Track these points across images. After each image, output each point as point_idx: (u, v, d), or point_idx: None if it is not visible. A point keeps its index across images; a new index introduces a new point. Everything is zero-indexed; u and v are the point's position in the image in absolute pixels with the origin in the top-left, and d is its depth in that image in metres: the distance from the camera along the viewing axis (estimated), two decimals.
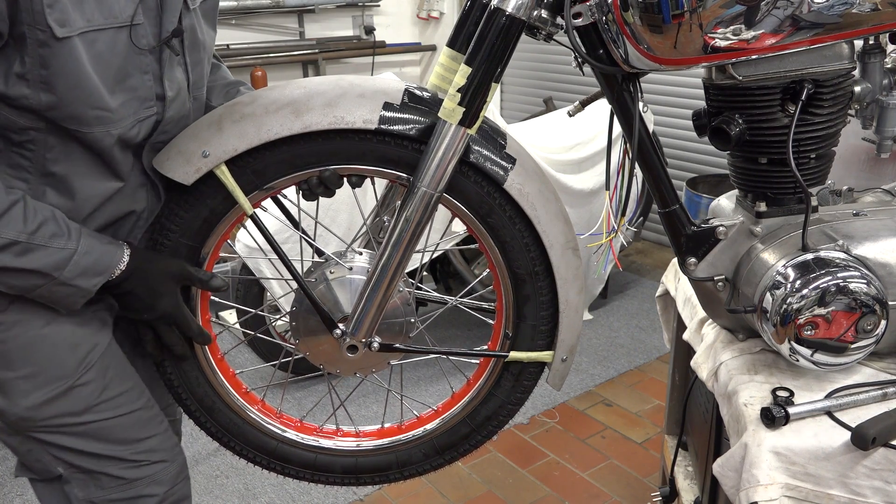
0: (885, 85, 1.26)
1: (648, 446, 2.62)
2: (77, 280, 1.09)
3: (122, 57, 1.04)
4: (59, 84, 0.99)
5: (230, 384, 1.34)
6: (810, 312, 1.17)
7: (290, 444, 1.38)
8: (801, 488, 1.13)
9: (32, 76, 0.98)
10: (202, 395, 1.32)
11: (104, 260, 1.12)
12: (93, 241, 1.11)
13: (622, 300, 3.67)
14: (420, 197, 1.14)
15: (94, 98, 1.03)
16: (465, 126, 1.11)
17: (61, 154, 1.07)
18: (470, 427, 1.39)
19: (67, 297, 1.10)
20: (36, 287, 1.08)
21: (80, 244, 1.09)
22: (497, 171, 1.17)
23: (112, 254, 1.13)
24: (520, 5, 1.08)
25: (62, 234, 1.08)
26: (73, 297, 1.11)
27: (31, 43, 0.96)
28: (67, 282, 1.08)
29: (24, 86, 0.99)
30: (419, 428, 1.40)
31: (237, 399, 1.35)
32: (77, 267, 1.08)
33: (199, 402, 1.33)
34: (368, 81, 1.16)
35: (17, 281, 1.06)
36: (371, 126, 1.11)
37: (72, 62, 0.99)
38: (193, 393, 1.31)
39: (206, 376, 1.30)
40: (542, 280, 1.26)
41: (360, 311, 1.22)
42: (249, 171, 1.15)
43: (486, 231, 1.22)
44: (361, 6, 4.81)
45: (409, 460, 1.41)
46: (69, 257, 1.08)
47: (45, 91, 0.99)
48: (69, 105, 1.01)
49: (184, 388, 1.31)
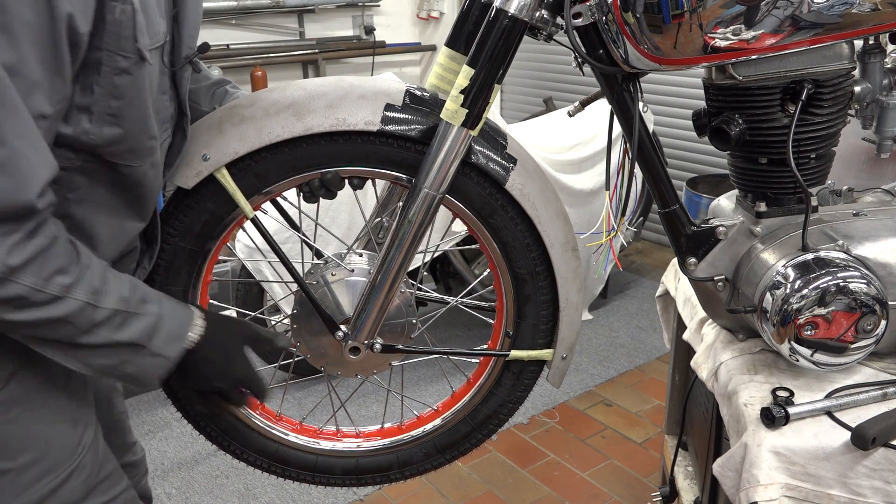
0: (885, 85, 1.26)
1: (648, 446, 2.62)
2: (166, 349, 0.99)
3: (158, 78, 0.97)
4: (128, 115, 0.91)
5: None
6: (810, 312, 1.17)
7: (291, 446, 1.38)
8: (801, 488, 1.13)
9: (99, 108, 0.88)
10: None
11: (182, 323, 1.03)
12: (170, 303, 1.03)
13: (622, 300, 3.67)
14: (422, 198, 1.13)
15: (149, 126, 0.95)
16: (467, 127, 1.11)
17: (86, 194, 0.96)
18: (470, 426, 1.39)
19: (152, 370, 0.99)
20: (123, 363, 0.97)
21: (163, 307, 1.00)
22: (498, 172, 1.17)
23: (186, 316, 1.04)
24: (522, 6, 1.08)
25: (148, 299, 0.99)
26: (158, 371, 1.00)
27: (107, 71, 0.87)
28: (158, 352, 0.98)
29: (87, 119, 0.89)
30: (420, 427, 1.40)
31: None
32: (163, 333, 0.99)
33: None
34: (369, 82, 1.16)
35: (106, 359, 0.96)
36: (373, 128, 1.11)
37: (143, 90, 0.91)
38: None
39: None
40: (543, 280, 1.26)
41: (362, 313, 1.22)
42: (250, 173, 1.14)
43: (488, 232, 1.22)
44: (361, 6, 4.81)
45: (410, 460, 1.41)
46: (155, 323, 0.98)
47: (111, 124, 0.90)
48: (133, 137, 0.93)
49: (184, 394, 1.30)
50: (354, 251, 1.30)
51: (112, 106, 0.89)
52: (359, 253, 1.30)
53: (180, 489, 2.43)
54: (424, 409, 1.43)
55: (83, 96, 0.87)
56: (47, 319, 0.89)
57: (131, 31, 0.86)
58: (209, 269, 1.22)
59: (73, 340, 0.93)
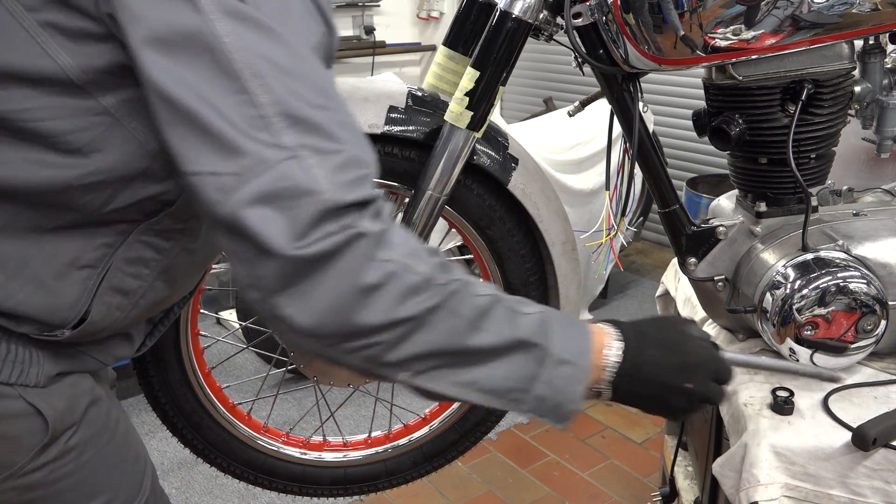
0: (885, 85, 1.26)
1: (648, 446, 2.62)
2: (566, 352, 0.78)
3: None
4: None
5: (217, 399, 1.32)
6: (810, 312, 1.17)
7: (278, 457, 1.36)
8: (801, 488, 1.13)
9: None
10: (190, 412, 1.29)
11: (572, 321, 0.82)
12: (550, 308, 0.83)
13: (622, 300, 3.66)
14: (426, 200, 1.13)
15: None
16: (472, 130, 1.11)
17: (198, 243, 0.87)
18: (458, 433, 1.39)
19: (568, 385, 0.79)
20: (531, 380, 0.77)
21: (544, 308, 0.81)
22: (501, 173, 1.17)
23: (581, 324, 0.83)
24: (526, 8, 1.07)
25: (521, 299, 0.81)
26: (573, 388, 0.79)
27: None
28: (560, 355, 0.77)
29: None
30: (407, 436, 1.40)
31: (224, 414, 1.33)
32: (558, 330, 0.79)
33: (186, 419, 1.29)
34: (371, 85, 1.16)
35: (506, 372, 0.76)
36: (377, 130, 1.11)
37: None
38: (181, 410, 1.28)
39: (193, 392, 1.28)
40: (536, 290, 1.26)
41: None
42: None
43: (485, 243, 1.22)
44: (361, 6, 4.81)
45: (399, 468, 1.40)
46: (545, 320, 0.79)
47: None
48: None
49: (171, 406, 1.27)
50: None
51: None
52: None
53: (180, 489, 2.43)
54: (412, 418, 1.42)
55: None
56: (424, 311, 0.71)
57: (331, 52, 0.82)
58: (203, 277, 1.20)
59: (462, 343, 0.73)
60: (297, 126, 0.68)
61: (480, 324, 0.74)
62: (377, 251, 0.69)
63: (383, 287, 0.69)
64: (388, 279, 0.69)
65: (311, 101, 0.69)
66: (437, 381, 0.75)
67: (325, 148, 0.69)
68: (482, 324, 0.74)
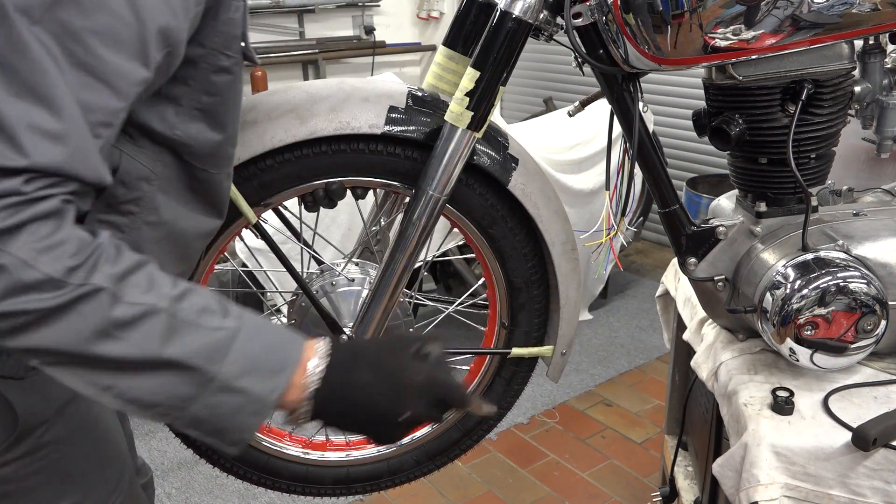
0: (885, 85, 1.26)
1: (648, 446, 2.62)
2: (244, 381, 0.73)
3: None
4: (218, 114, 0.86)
5: None
6: (810, 312, 1.17)
7: (281, 457, 1.36)
8: (801, 488, 1.13)
9: (188, 101, 0.83)
10: None
11: (280, 348, 0.77)
12: (259, 321, 0.77)
13: (622, 300, 3.67)
14: (426, 201, 1.13)
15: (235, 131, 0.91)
16: (472, 130, 1.11)
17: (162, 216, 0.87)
18: (461, 432, 1.39)
19: (233, 415, 0.74)
20: (185, 401, 0.72)
21: (242, 322, 0.75)
22: (501, 173, 1.16)
23: (290, 340, 0.78)
24: (527, 8, 1.07)
25: (214, 310, 0.74)
26: (243, 417, 0.74)
27: (206, 68, 0.82)
28: (231, 384, 0.72)
29: (173, 112, 0.82)
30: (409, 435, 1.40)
31: None
32: (242, 358, 0.73)
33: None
34: (371, 85, 1.15)
35: (155, 388, 0.71)
36: (377, 131, 1.10)
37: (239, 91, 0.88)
38: None
39: None
40: (538, 288, 1.27)
41: (366, 316, 1.22)
42: (255, 183, 1.12)
43: (487, 242, 1.22)
44: (361, 6, 4.81)
45: (401, 468, 1.40)
46: (228, 341, 0.73)
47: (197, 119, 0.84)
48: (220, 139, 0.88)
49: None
50: (353, 261, 1.30)
51: (203, 102, 0.84)
52: (355, 262, 1.30)
53: (180, 489, 2.43)
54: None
55: (174, 87, 0.81)
56: (38, 312, 0.67)
57: (241, 30, 0.83)
58: (205, 280, 1.21)
59: (88, 348, 0.69)
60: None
61: (117, 333, 0.69)
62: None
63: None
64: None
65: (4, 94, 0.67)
66: (71, 377, 0.71)
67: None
68: (119, 333, 0.69)
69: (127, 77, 0.72)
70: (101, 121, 0.72)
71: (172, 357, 0.71)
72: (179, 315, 0.72)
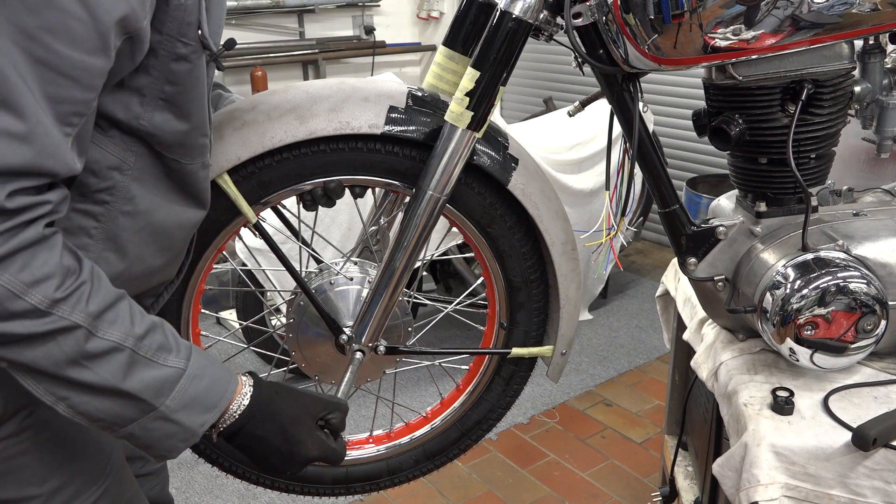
0: (885, 85, 1.26)
1: (648, 446, 2.62)
2: (180, 414, 0.84)
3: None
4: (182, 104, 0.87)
5: None
6: (810, 312, 1.17)
7: None
8: (801, 488, 1.13)
9: (152, 91, 0.84)
10: None
11: (216, 388, 0.88)
12: (204, 362, 0.88)
13: (622, 300, 3.67)
14: (427, 201, 1.13)
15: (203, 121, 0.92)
16: (472, 130, 1.11)
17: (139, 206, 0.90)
18: (460, 431, 1.39)
19: (164, 439, 0.85)
20: (126, 422, 0.82)
21: (190, 363, 0.86)
22: (501, 173, 1.16)
23: (225, 381, 0.90)
24: (527, 8, 1.07)
25: (170, 348, 0.85)
26: (172, 442, 0.86)
27: (165, 56, 0.83)
28: (169, 415, 0.83)
29: (138, 102, 0.84)
30: (409, 435, 1.40)
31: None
32: (184, 395, 0.84)
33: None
34: (371, 85, 1.15)
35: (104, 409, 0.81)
36: (377, 131, 1.10)
37: (200, 79, 0.88)
38: None
39: None
40: (537, 288, 1.27)
41: (366, 316, 1.22)
42: (254, 181, 1.12)
43: (486, 241, 1.22)
44: (361, 6, 4.81)
45: (400, 467, 1.40)
46: (175, 379, 0.84)
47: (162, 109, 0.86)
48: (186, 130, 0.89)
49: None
50: (352, 260, 1.30)
51: (166, 91, 0.85)
52: (354, 261, 1.30)
53: (180, 489, 2.43)
54: (413, 416, 1.42)
55: (137, 78, 0.83)
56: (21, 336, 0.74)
57: (195, 18, 0.83)
58: (203, 279, 1.20)
59: (58, 371, 0.77)
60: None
61: (86, 363, 0.78)
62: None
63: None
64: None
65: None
66: (34, 384, 0.79)
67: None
68: (88, 363, 0.78)
69: (89, 70, 0.75)
70: (72, 111, 0.75)
71: (128, 389, 0.80)
72: (140, 352, 0.81)
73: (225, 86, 1.28)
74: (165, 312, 1.16)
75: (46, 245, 0.76)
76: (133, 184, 0.88)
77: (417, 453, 1.40)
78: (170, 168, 0.91)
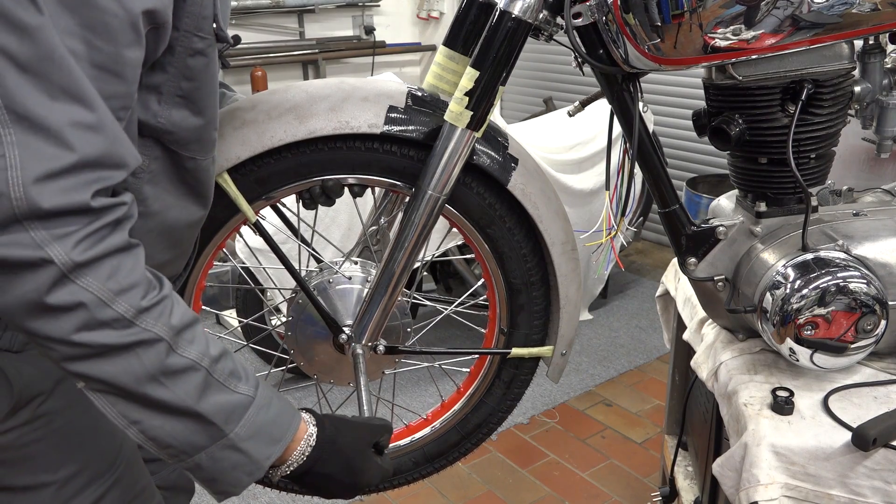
0: (885, 85, 1.26)
1: (648, 446, 2.62)
2: (248, 444, 0.83)
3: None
4: (199, 99, 0.88)
5: None
6: (810, 312, 1.17)
7: None
8: (801, 488, 1.13)
9: (169, 88, 0.84)
10: None
11: (282, 421, 0.88)
12: (270, 394, 0.88)
13: (622, 300, 3.67)
14: (426, 200, 1.13)
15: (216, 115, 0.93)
16: (471, 129, 1.11)
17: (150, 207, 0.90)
18: (460, 435, 1.39)
19: (230, 470, 0.84)
20: (195, 449, 0.81)
21: (258, 393, 0.85)
22: (501, 172, 1.16)
23: (290, 415, 0.89)
24: (526, 8, 1.07)
25: (240, 376, 0.84)
26: (237, 474, 0.84)
27: (181, 51, 0.83)
28: (237, 444, 0.82)
29: (156, 100, 0.84)
30: (409, 437, 1.40)
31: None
32: (252, 424, 0.83)
33: None
34: (371, 84, 1.15)
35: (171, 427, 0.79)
36: (376, 130, 1.10)
37: (215, 74, 0.89)
38: None
39: None
40: (538, 290, 1.26)
41: (366, 315, 1.22)
42: (252, 179, 1.13)
43: (486, 242, 1.21)
44: (361, 6, 4.81)
45: (400, 469, 1.40)
46: (245, 407, 0.83)
47: (179, 106, 0.86)
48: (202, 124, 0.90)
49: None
50: (351, 259, 1.30)
51: (183, 87, 0.86)
52: (354, 261, 1.30)
53: None
54: (413, 418, 1.42)
55: (154, 75, 0.84)
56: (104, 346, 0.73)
57: (211, 11, 0.84)
58: (203, 275, 1.21)
59: (136, 388, 0.76)
60: (19, 123, 0.68)
61: (164, 380, 0.77)
62: (76, 276, 0.71)
63: (69, 311, 0.71)
64: (76, 307, 0.71)
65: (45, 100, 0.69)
66: (108, 405, 0.78)
67: (40, 149, 0.69)
68: (166, 381, 0.77)
69: (130, 63, 0.76)
70: (119, 105, 0.77)
71: (201, 411, 0.80)
72: (215, 375, 0.81)
73: (228, 85, 1.28)
74: None
75: (132, 254, 0.76)
76: (146, 186, 0.89)
77: (417, 455, 1.40)
78: (185, 168, 0.92)
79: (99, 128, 0.72)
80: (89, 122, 0.71)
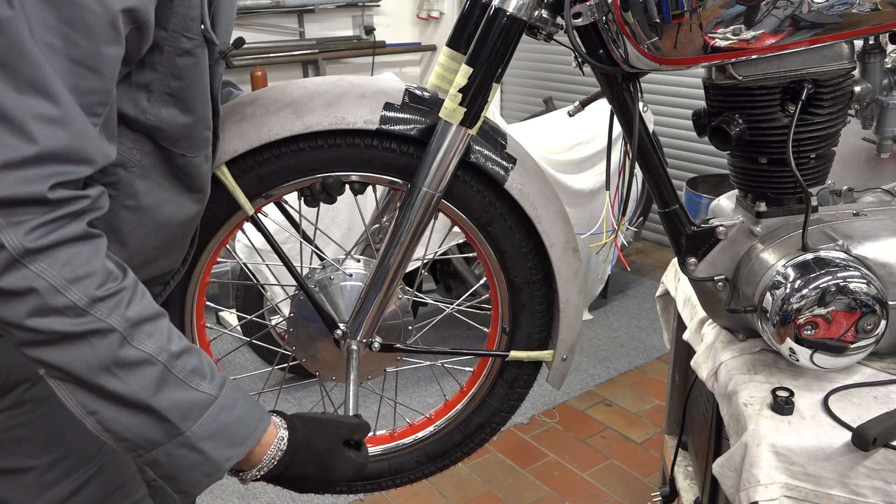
0: (885, 85, 1.26)
1: (648, 446, 2.62)
2: (206, 443, 0.82)
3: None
4: (188, 98, 0.89)
5: None
6: (810, 312, 1.17)
7: None
8: (801, 488, 1.13)
9: (158, 86, 0.86)
10: None
11: (246, 423, 0.87)
12: (237, 395, 0.87)
13: (622, 300, 3.67)
14: (421, 197, 1.13)
15: (207, 114, 0.94)
16: (466, 126, 1.11)
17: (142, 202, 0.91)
18: (463, 434, 1.39)
19: (188, 470, 0.83)
20: (151, 444, 0.81)
21: (222, 393, 0.85)
22: (498, 171, 1.16)
23: (256, 418, 0.88)
24: (521, 5, 1.07)
25: (204, 374, 0.84)
26: (195, 474, 0.84)
27: (170, 51, 0.85)
28: (194, 443, 0.82)
29: (145, 97, 0.86)
30: (412, 435, 1.40)
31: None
32: (212, 423, 0.83)
33: None
34: (369, 81, 1.16)
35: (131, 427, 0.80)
36: (372, 126, 1.11)
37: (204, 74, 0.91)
38: None
39: None
40: (539, 289, 1.26)
41: (361, 311, 1.22)
42: (253, 176, 1.13)
43: (486, 240, 1.22)
44: (361, 6, 4.81)
45: (402, 468, 1.40)
46: (205, 405, 0.83)
47: (169, 105, 0.87)
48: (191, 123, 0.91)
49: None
50: (352, 256, 1.30)
51: (171, 86, 0.87)
52: (356, 258, 1.30)
53: None
54: (416, 417, 1.42)
55: (143, 73, 0.85)
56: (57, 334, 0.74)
57: (198, 12, 0.86)
58: (207, 271, 1.21)
59: (91, 377, 0.77)
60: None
61: (118, 371, 0.78)
62: (28, 262, 0.72)
63: (21, 296, 0.72)
64: (27, 292, 0.72)
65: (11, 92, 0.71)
66: (67, 393, 0.79)
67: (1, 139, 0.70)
68: (120, 372, 0.78)
69: (108, 59, 0.77)
70: (96, 101, 0.78)
71: (156, 406, 0.80)
72: (173, 370, 0.81)
73: (235, 84, 1.29)
74: (170, 304, 1.17)
75: (91, 244, 0.77)
76: (137, 180, 0.90)
77: (420, 454, 1.40)
78: (176, 164, 0.93)
79: (64, 122, 0.73)
80: (54, 115, 0.73)
